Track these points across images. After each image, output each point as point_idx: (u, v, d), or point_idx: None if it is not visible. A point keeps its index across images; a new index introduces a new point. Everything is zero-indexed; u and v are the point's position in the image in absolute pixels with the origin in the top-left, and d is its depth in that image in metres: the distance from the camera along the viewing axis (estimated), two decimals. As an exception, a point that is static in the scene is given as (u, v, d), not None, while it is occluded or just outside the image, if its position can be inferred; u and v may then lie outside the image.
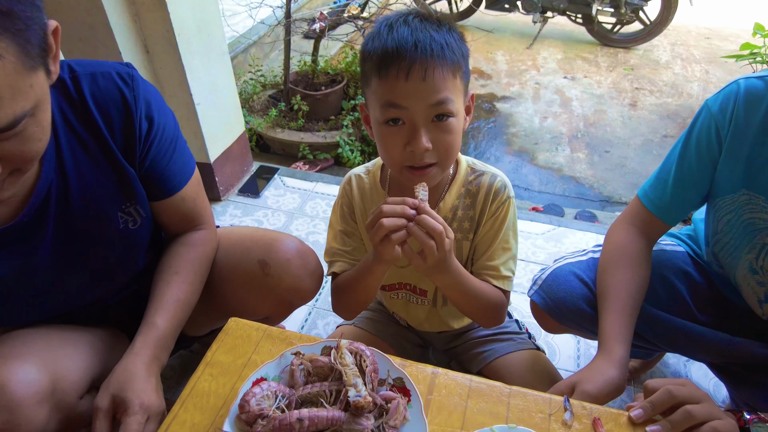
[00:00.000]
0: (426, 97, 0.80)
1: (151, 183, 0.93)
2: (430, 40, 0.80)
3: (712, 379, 1.47)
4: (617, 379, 0.83)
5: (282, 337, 0.86)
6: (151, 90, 0.89)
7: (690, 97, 3.69)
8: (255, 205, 2.18)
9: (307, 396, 0.73)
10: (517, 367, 1.13)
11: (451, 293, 0.97)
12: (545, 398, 0.78)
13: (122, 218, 0.91)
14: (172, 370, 1.50)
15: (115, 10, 1.58)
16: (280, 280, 1.06)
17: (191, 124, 1.94)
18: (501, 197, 0.99)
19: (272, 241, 1.09)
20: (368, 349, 0.76)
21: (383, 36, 0.82)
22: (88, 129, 0.83)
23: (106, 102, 0.83)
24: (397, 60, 0.79)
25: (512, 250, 1.02)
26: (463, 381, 0.80)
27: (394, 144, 0.85)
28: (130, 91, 0.85)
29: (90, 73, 0.83)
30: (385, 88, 0.82)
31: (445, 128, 0.84)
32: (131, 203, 0.91)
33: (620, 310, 0.92)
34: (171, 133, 0.93)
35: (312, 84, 2.96)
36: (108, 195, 0.88)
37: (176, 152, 0.94)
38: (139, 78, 0.87)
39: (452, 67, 0.82)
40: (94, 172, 0.85)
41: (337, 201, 1.09)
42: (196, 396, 0.79)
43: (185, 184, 0.97)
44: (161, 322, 0.91)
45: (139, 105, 0.85)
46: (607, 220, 2.41)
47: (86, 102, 0.82)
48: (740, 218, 0.92)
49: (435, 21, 0.84)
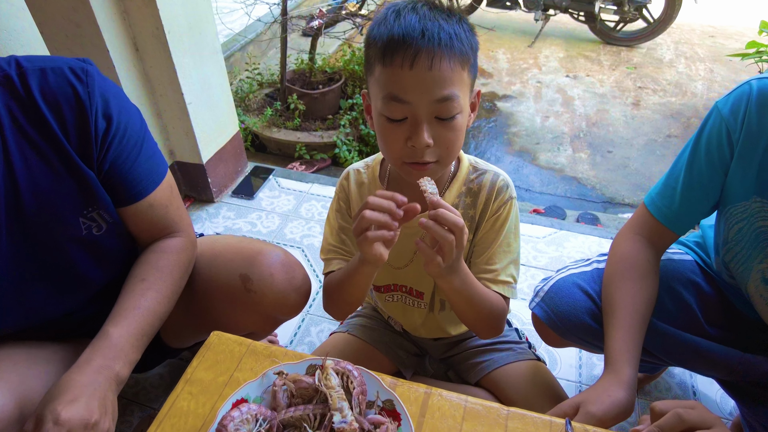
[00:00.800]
0: (431, 89, 0.76)
1: (113, 187, 0.86)
2: (439, 28, 0.76)
3: (718, 390, 1.42)
4: (625, 401, 0.79)
5: (266, 353, 0.82)
6: (110, 86, 0.83)
7: (694, 97, 3.63)
8: (249, 207, 2.14)
9: (290, 420, 0.68)
10: (516, 378, 1.08)
11: (457, 297, 0.90)
12: (545, 420, 0.73)
13: (84, 224, 0.85)
14: (161, 379, 1.46)
15: (102, 7, 1.53)
16: (263, 297, 1.00)
17: (183, 123, 1.89)
18: (503, 197, 0.95)
19: (255, 253, 1.03)
20: (355, 368, 0.72)
21: (390, 22, 0.78)
22: (39, 129, 0.77)
23: (57, 99, 0.77)
24: (403, 47, 0.75)
25: (513, 253, 0.98)
26: (458, 401, 0.75)
27: (395, 138, 0.81)
28: (84, 88, 0.78)
29: (39, 68, 0.77)
30: (389, 76, 0.77)
31: (448, 125, 0.80)
32: (93, 208, 0.85)
33: (628, 326, 0.87)
34: (135, 133, 0.86)
35: (309, 82, 2.91)
36: (66, 200, 0.81)
37: (142, 154, 0.87)
38: (95, 73, 0.80)
39: (461, 58, 0.77)
40: (48, 175, 0.79)
41: (335, 196, 1.04)
42: (174, 416, 0.74)
43: (153, 189, 0.90)
44: (113, 330, 0.82)
45: (94, 102, 0.78)
46: (609, 222, 2.36)
47: (35, 100, 0.76)
48: (752, 226, 0.87)
49: (445, 10, 0.80)
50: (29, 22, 1.49)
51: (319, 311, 1.69)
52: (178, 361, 1.48)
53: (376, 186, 0.99)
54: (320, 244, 1.06)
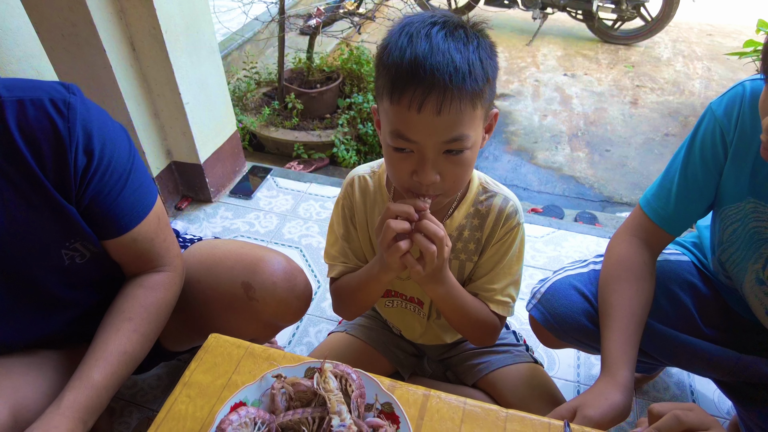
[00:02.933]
0: (439, 133, 0.73)
1: (95, 221, 0.83)
2: (451, 64, 0.70)
3: (716, 391, 1.43)
4: (622, 404, 0.79)
5: (265, 356, 0.81)
6: (95, 117, 0.79)
7: (692, 95, 3.63)
8: (247, 207, 2.13)
9: (289, 423, 0.68)
10: (513, 381, 1.08)
11: (444, 306, 0.93)
12: (544, 423, 0.73)
13: (67, 254, 0.82)
14: (159, 380, 1.46)
15: (98, 6, 1.52)
16: (265, 304, 1.00)
17: (180, 123, 1.88)
18: (510, 222, 0.94)
19: (257, 260, 1.01)
20: (354, 371, 0.71)
21: (401, 47, 0.72)
22: (15, 164, 0.73)
23: (34, 134, 0.73)
24: (411, 86, 0.71)
25: (514, 275, 0.98)
26: (456, 404, 0.75)
27: (400, 169, 0.79)
28: (65, 122, 0.74)
29: (18, 99, 0.73)
30: (396, 114, 0.74)
31: (456, 161, 0.77)
32: (75, 240, 0.82)
33: (624, 328, 0.87)
34: (121, 166, 0.82)
35: (307, 81, 2.91)
36: (45, 234, 0.79)
37: (127, 188, 0.83)
38: (77, 105, 0.76)
39: (473, 97, 0.72)
40: (25, 211, 0.76)
41: (338, 201, 1.03)
42: (172, 419, 0.74)
43: (137, 224, 0.86)
44: (98, 377, 0.79)
45: (74, 138, 0.75)
46: (607, 221, 2.36)
47: (11, 134, 0.72)
48: (746, 227, 0.87)
49: (462, 34, 0.73)
50: (25, 21, 1.48)
51: (318, 312, 1.69)
52: (176, 362, 1.48)
53: (383, 194, 0.98)
54: (319, 245, 1.07)
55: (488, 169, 2.94)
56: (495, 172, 2.90)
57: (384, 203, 0.97)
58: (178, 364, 1.48)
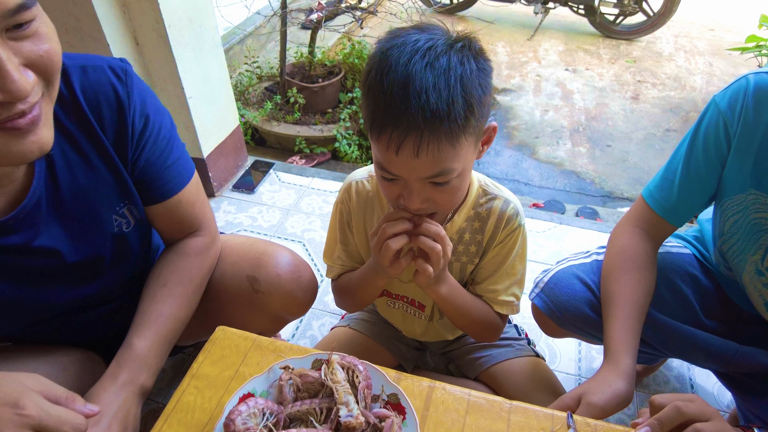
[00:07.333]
0: (420, 171, 0.72)
1: (145, 184, 0.86)
2: (431, 99, 0.66)
3: (716, 383, 1.44)
4: (624, 391, 0.80)
5: (272, 348, 0.82)
6: (146, 88, 0.84)
7: (693, 90, 3.63)
8: (249, 201, 2.14)
9: (297, 413, 0.69)
10: (515, 374, 1.10)
11: (446, 306, 0.95)
12: (547, 414, 0.74)
13: (116, 221, 0.86)
14: (163, 372, 1.47)
15: (102, 1, 1.52)
16: (271, 298, 1.01)
17: (183, 118, 1.89)
18: (511, 225, 0.94)
19: (262, 254, 1.03)
20: (361, 363, 0.72)
21: (380, 82, 0.69)
22: (80, 126, 0.77)
23: (97, 97, 0.77)
24: (389, 129, 0.69)
25: (517, 275, 0.99)
26: (461, 395, 0.77)
27: (390, 192, 0.80)
28: (124, 87, 0.79)
29: (81, 65, 0.76)
30: (378, 150, 0.74)
31: (444, 189, 0.76)
32: (125, 203, 0.86)
33: (626, 317, 0.89)
34: (167, 133, 0.87)
35: (309, 76, 2.91)
36: (102, 196, 0.82)
37: (173, 152, 0.88)
38: (133, 74, 0.81)
39: (452, 136, 0.69)
40: (87, 173, 0.79)
41: (336, 205, 1.04)
42: (180, 411, 0.75)
43: (183, 187, 0.91)
44: (138, 341, 0.84)
45: (132, 101, 0.79)
46: (608, 216, 2.37)
47: (77, 97, 0.75)
48: (747, 218, 0.88)
49: (445, 63, 0.68)
50: (28, 15, 1.49)
51: (321, 305, 1.70)
52: (179, 355, 1.49)
53: (380, 198, 0.98)
54: (321, 239, 1.08)
55: (489, 164, 2.94)
56: (496, 167, 2.91)
57: (381, 207, 0.98)
58: (182, 357, 1.49)
